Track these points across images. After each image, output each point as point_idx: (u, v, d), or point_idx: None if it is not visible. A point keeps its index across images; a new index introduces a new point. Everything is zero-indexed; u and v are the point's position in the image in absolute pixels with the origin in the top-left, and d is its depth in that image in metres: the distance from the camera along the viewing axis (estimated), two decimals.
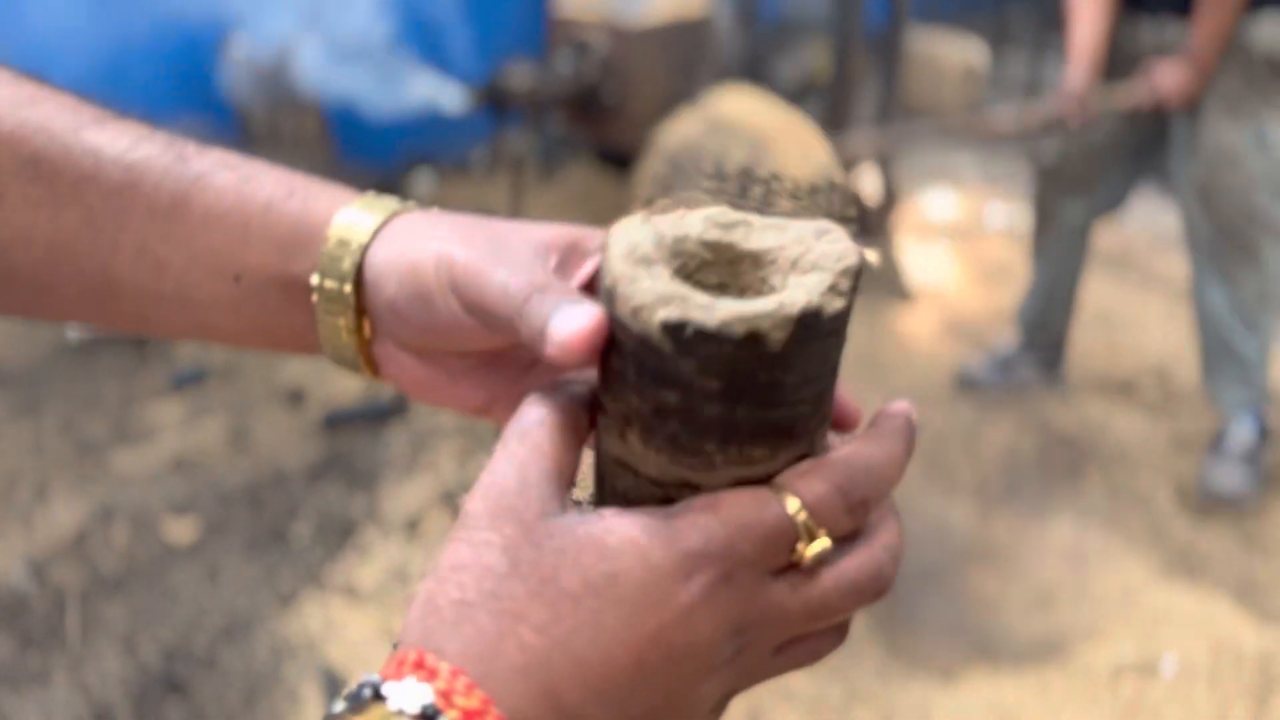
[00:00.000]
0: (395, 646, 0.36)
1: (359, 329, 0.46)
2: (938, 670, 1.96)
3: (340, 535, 2.21)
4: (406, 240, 0.45)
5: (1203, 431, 2.69)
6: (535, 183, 3.71)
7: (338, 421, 2.59)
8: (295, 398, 2.72)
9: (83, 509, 2.30)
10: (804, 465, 0.38)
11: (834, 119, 3.63)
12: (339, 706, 0.33)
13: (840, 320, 0.37)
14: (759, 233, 0.40)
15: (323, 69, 3.12)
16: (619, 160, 3.69)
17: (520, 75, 3.15)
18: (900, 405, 0.42)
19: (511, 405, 0.43)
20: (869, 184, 3.84)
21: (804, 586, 0.37)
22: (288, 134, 3.31)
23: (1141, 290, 3.58)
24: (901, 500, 0.41)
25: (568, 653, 0.34)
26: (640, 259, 0.37)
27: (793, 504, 0.37)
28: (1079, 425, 2.74)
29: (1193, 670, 1.95)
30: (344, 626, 1.97)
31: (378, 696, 0.33)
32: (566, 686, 0.34)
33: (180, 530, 2.25)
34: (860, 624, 2.04)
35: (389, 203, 0.47)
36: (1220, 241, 2.45)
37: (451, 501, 2.25)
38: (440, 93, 3.25)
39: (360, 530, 2.22)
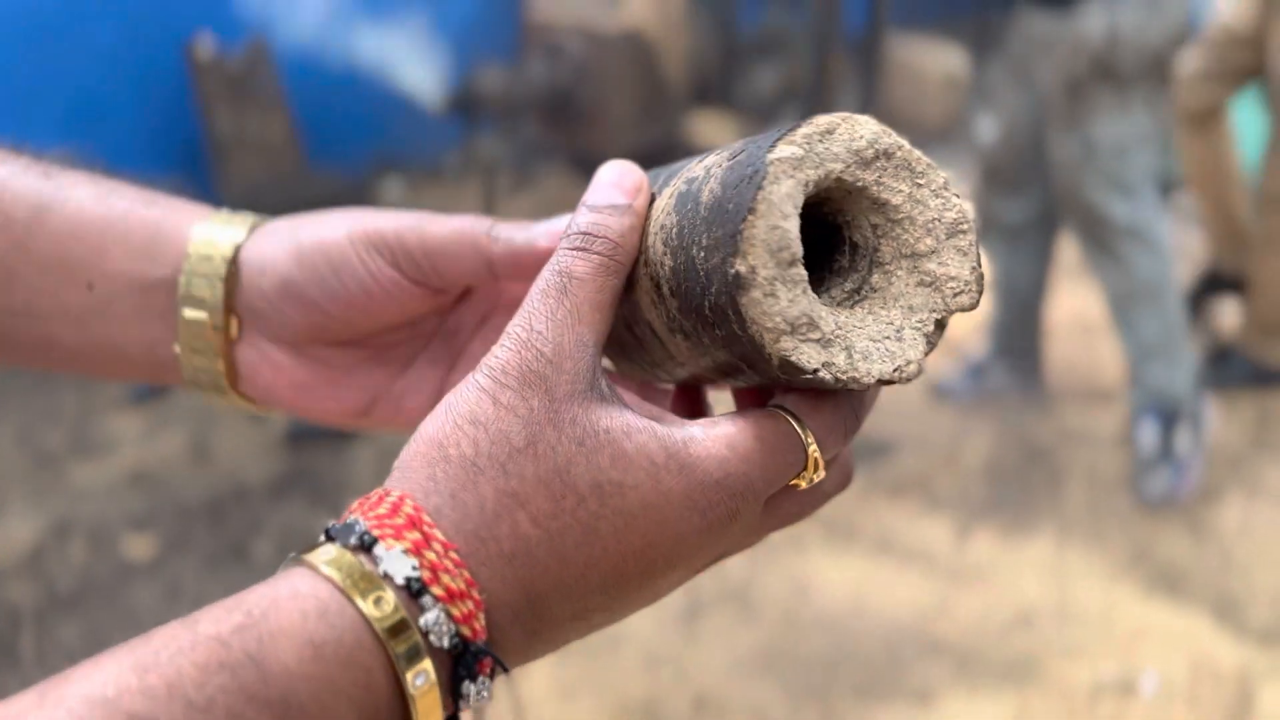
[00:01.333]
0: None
1: (225, 327, 0.45)
2: (914, 692, 1.94)
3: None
4: (292, 231, 0.46)
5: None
6: (507, 190, 3.68)
7: (301, 436, 2.56)
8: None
9: (39, 524, 2.26)
10: (814, 397, 0.38)
11: None
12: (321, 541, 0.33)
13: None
14: (894, 179, 0.36)
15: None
16: (593, 167, 3.65)
17: (492, 79, 3.11)
18: None
19: (393, 404, 0.47)
20: None
21: (785, 503, 0.39)
22: (254, 139, 3.26)
23: None
24: (882, 514, 0.38)
25: (555, 548, 0.34)
26: (784, 259, 0.33)
27: (811, 443, 0.37)
28: (1060, 437, 2.72)
29: (1172, 688, 1.93)
30: None
31: (365, 548, 0.32)
32: (543, 579, 0.34)
33: (139, 546, 2.22)
34: (836, 647, 2.02)
35: (249, 216, 0.48)
36: (1085, 248, 2.57)
37: None
38: (418, 84, 3.21)
39: None
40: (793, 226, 0.33)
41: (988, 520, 2.40)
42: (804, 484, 0.38)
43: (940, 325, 0.36)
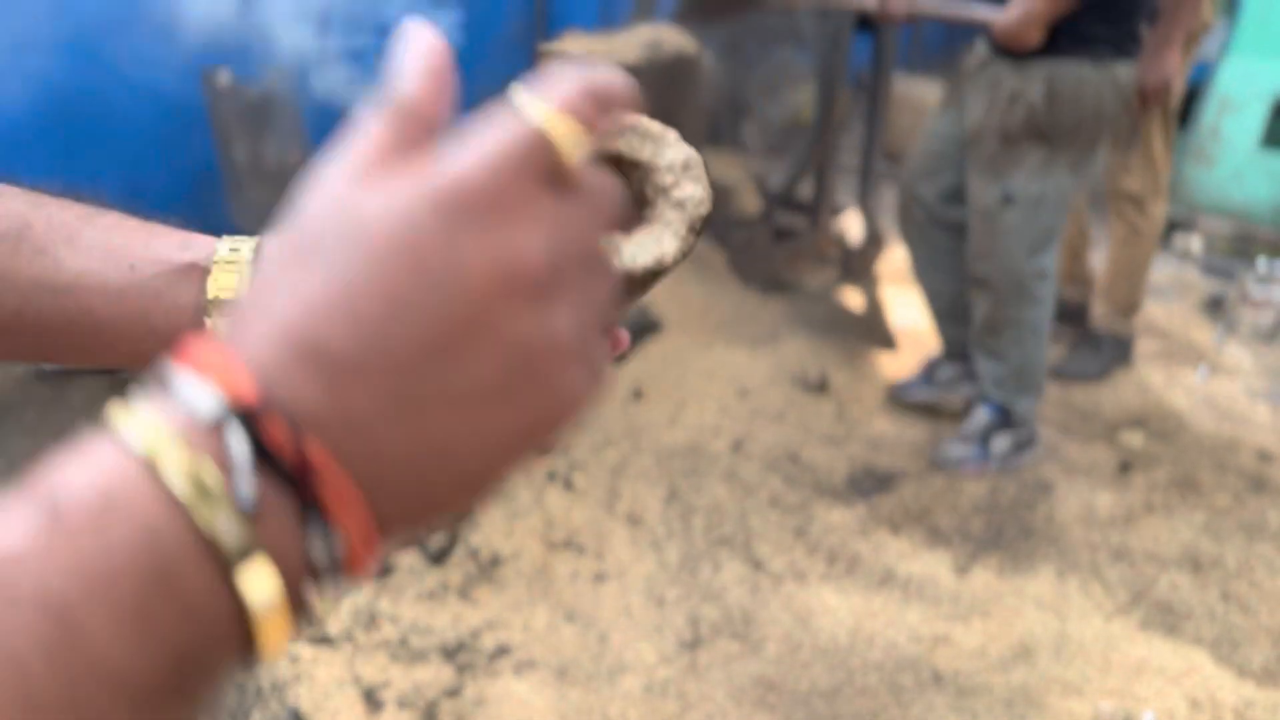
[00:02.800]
0: None
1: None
2: None
3: None
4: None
5: (1185, 477, 2.69)
6: None
7: None
8: None
9: None
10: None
11: (818, 159, 3.65)
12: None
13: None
14: (639, 143, 0.49)
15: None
16: None
17: None
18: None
19: None
20: (853, 229, 3.85)
21: (582, 186, 0.35)
22: (270, 167, 3.29)
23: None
24: (883, 546, 0.39)
25: (308, 300, 0.31)
26: None
27: (539, 110, 0.34)
28: (1060, 473, 2.73)
29: None
30: (312, 669, 1.93)
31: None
32: (309, 328, 0.30)
33: None
34: (837, 678, 2.02)
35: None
36: (974, 282, 2.69)
37: (421, 544, 2.22)
38: None
39: None
40: None
41: (988, 554, 2.41)
42: (574, 155, 0.35)
43: (692, 229, 0.48)
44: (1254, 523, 2.55)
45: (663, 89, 3.40)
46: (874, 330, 3.47)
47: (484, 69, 3.94)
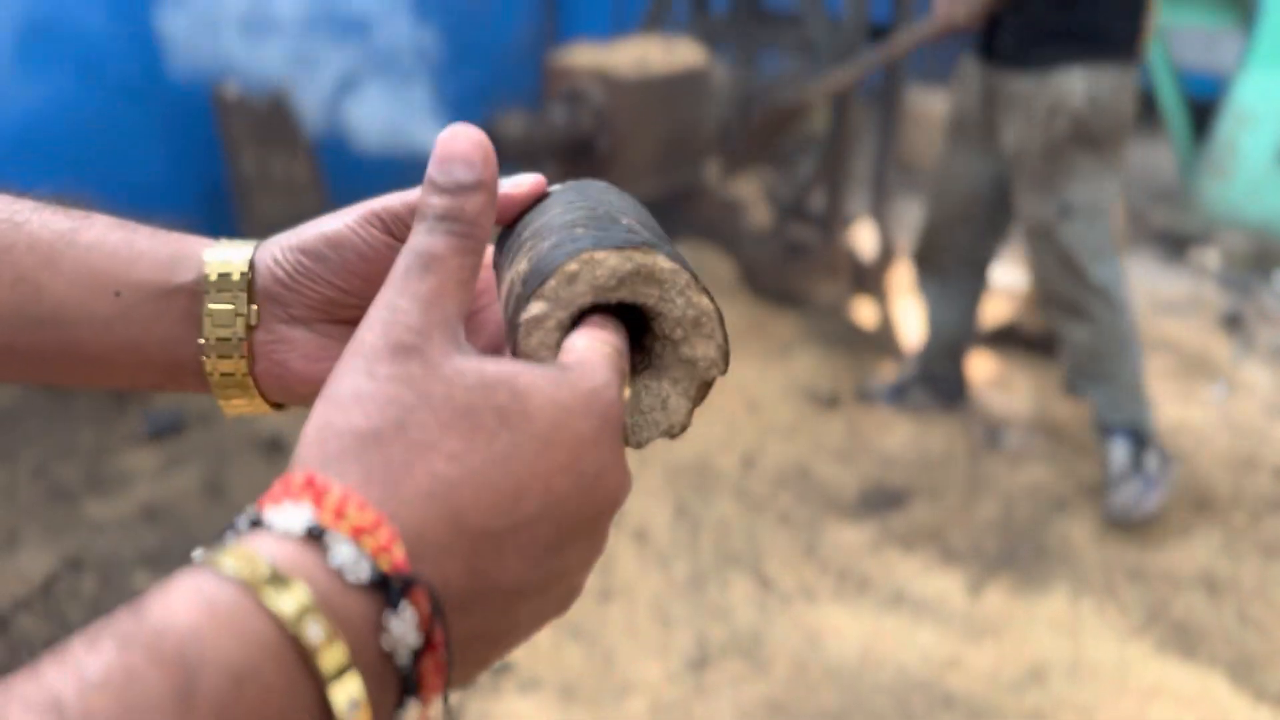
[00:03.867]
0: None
1: (247, 314, 0.50)
2: None
3: None
4: (294, 233, 0.51)
5: (1201, 495, 2.65)
6: None
7: None
8: (273, 447, 2.68)
9: (52, 557, 2.26)
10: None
11: (831, 172, 3.63)
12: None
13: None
14: (645, 286, 0.45)
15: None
16: None
17: (515, 123, 3.14)
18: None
19: None
20: (865, 241, 3.83)
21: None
22: (278, 179, 3.29)
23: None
24: (894, 565, 0.37)
25: (480, 479, 0.34)
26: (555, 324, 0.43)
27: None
28: (1075, 491, 2.70)
29: None
30: None
31: (257, 525, 0.31)
32: (474, 511, 0.34)
33: (151, 583, 2.19)
34: (847, 699, 1.99)
35: (250, 240, 0.53)
36: (1052, 306, 2.65)
37: None
38: (416, 136, 3.25)
39: None
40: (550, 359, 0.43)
41: (1001, 573, 2.37)
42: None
43: (701, 389, 0.46)
44: (1271, 542, 2.51)
45: (674, 101, 3.39)
46: (886, 344, 3.44)
47: (494, 78, 3.94)
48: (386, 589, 0.31)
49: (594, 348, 0.40)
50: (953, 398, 3.03)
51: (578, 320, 0.43)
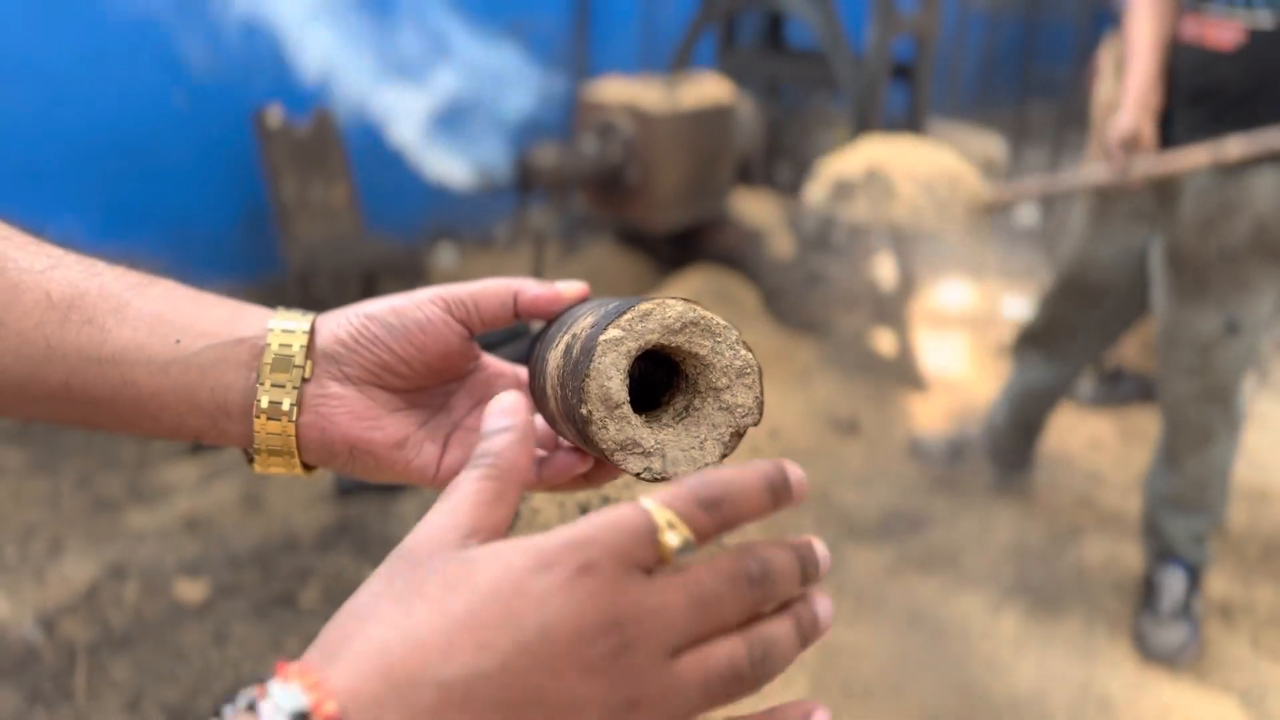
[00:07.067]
0: None
1: (303, 366, 0.55)
2: None
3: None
4: (357, 306, 0.57)
5: (1224, 528, 2.69)
6: (555, 258, 3.78)
7: (349, 490, 2.61)
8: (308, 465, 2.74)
9: (95, 565, 2.32)
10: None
11: None
12: None
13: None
14: (701, 337, 0.50)
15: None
16: (638, 239, 3.75)
17: (546, 155, 3.22)
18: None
19: (417, 445, 0.58)
20: (885, 273, 3.89)
21: (677, 576, 0.39)
22: (317, 203, 3.38)
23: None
24: (912, 592, 0.43)
25: (409, 638, 0.36)
26: (611, 405, 0.48)
27: (648, 502, 0.40)
28: (1091, 519, 2.74)
29: None
30: None
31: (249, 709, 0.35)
32: (402, 666, 0.35)
33: (190, 590, 2.26)
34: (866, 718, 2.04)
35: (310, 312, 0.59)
36: (1174, 423, 2.31)
37: None
38: (450, 172, 3.33)
39: None
40: (616, 384, 0.48)
41: (1017, 599, 2.42)
42: (673, 542, 0.39)
43: (736, 435, 0.51)
44: None
45: (701, 134, 3.47)
46: (905, 373, 3.50)
47: (530, 111, 4.03)
48: None
49: (570, 525, 0.39)
50: (1015, 468, 2.88)
51: (640, 358, 0.50)
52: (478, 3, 3.84)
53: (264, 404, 0.54)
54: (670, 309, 0.49)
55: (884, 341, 3.71)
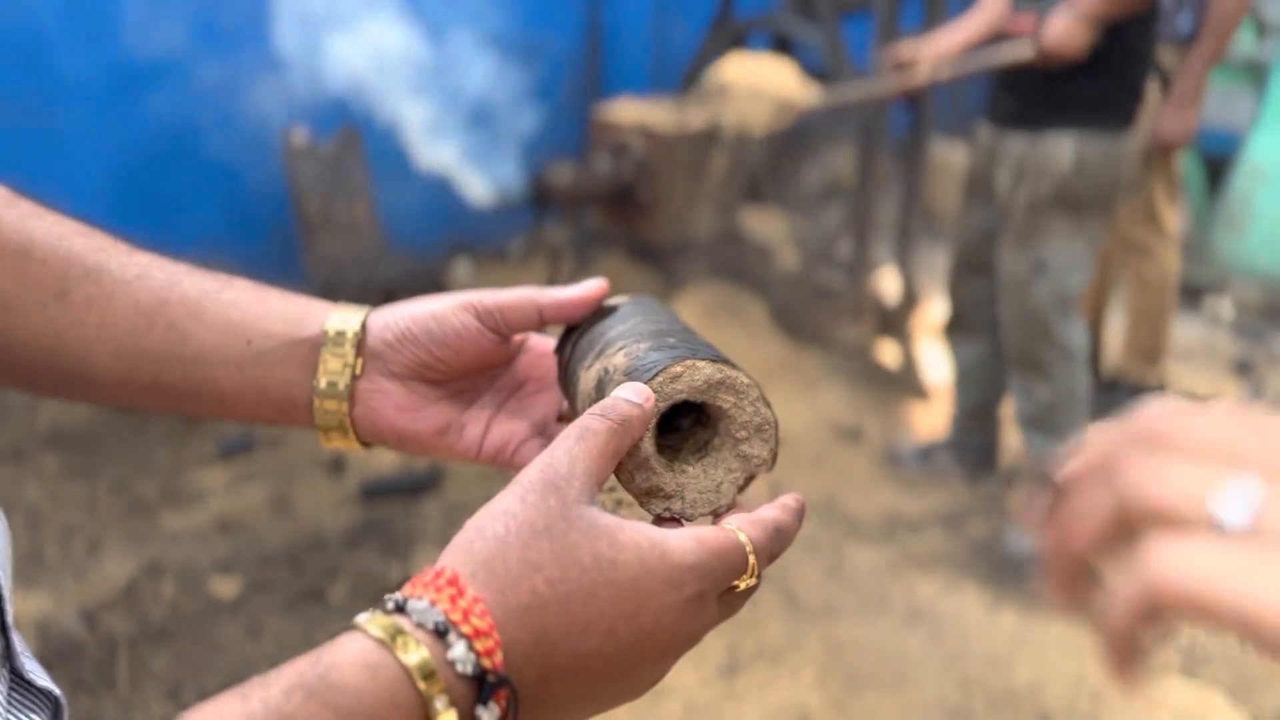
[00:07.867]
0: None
1: (354, 364, 0.62)
2: None
3: (376, 597, 2.30)
4: (407, 305, 0.64)
5: None
6: (569, 273, 3.88)
7: (375, 491, 2.71)
8: (335, 467, 2.85)
9: (133, 563, 2.42)
10: (751, 517, 0.52)
11: (858, 220, 3.80)
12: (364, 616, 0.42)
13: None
14: (725, 394, 0.55)
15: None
16: (650, 254, 3.86)
17: (561, 173, 3.33)
18: (798, 496, 0.56)
19: (458, 431, 0.64)
20: (890, 286, 3.98)
21: (726, 604, 0.50)
22: (340, 220, 3.48)
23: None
24: (913, 590, 0.54)
25: (563, 606, 0.44)
26: (639, 460, 0.54)
27: (748, 545, 0.50)
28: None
29: None
30: None
31: (399, 609, 0.42)
32: (554, 629, 0.43)
33: (224, 587, 2.36)
34: (871, 710, 2.13)
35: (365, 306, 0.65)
36: (1015, 358, 2.70)
37: None
38: (473, 189, 3.44)
39: None
40: (645, 443, 0.53)
41: (1014, 596, 2.51)
42: (741, 585, 0.50)
43: (749, 479, 0.56)
44: None
45: (710, 153, 3.58)
46: (908, 383, 3.59)
47: (544, 130, 4.14)
48: (482, 684, 0.41)
49: (710, 538, 0.48)
50: (979, 467, 3.02)
51: (669, 413, 0.55)
52: (495, 25, 3.96)
53: (321, 399, 0.62)
54: (699, 373, 0.54)
55: (888, 352, 3.80)
